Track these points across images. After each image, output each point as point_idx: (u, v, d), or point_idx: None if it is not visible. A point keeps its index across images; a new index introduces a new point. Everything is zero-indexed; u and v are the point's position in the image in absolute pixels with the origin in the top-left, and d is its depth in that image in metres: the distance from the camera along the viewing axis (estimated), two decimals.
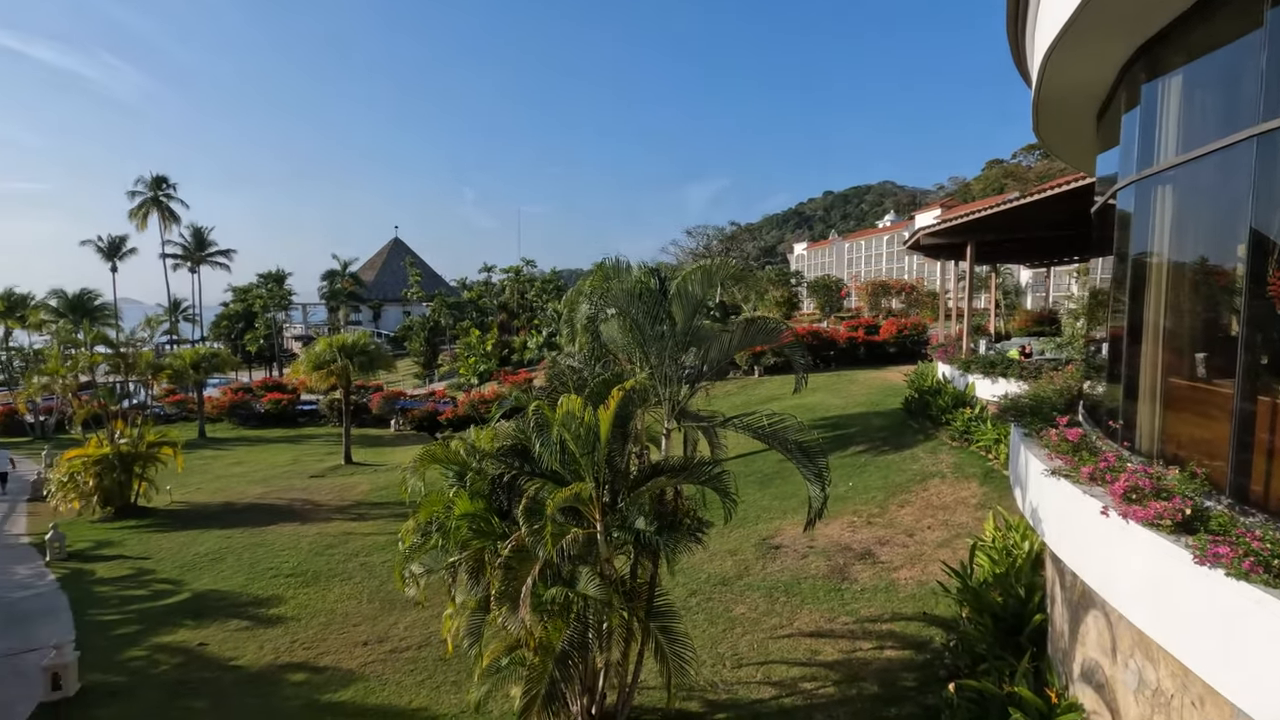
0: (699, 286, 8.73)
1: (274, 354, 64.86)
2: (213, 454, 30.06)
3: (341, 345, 26.23)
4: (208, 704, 10.68)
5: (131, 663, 12.00)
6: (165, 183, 62.81)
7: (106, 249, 66.49)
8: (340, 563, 16.27)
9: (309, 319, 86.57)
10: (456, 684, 11.01)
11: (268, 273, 67.40)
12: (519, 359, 50.50)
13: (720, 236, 65.83)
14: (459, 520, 7.59)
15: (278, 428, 37.32)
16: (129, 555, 17.33)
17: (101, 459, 19.53)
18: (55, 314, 44.49)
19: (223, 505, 21.38)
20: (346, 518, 19.84)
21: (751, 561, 14.39)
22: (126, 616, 13.87)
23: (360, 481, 24.08)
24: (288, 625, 13.28)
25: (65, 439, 30.41)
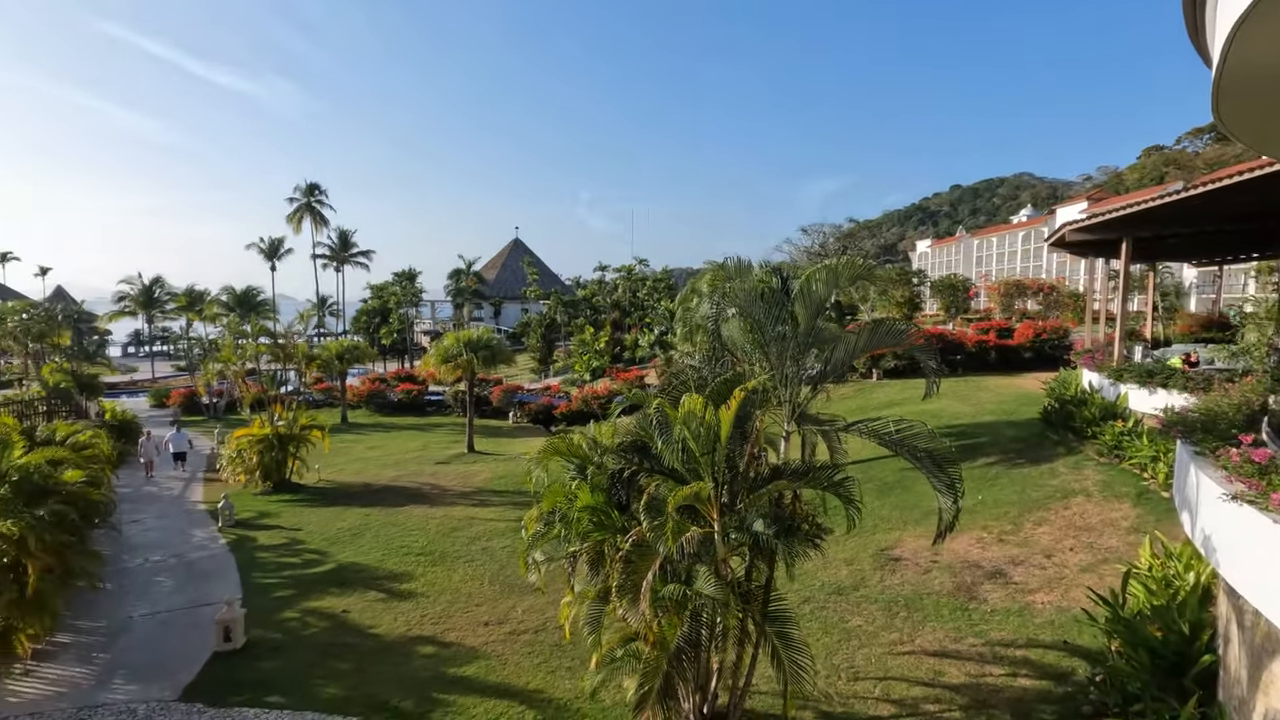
0: (823, 286, 8.50)
1: (406, 347, 69.68)
2: (353, 438, 32.76)
3: (467, 340, 27.77)
4: (351, 667, 11.67)
5: (287, 623, 13.33)
6: (317, 190, 69.10)
7: (267, 250, 74.19)
8: (464, 545, 17.25)
9: (436, 315, 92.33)
10: (571, 670, 11.38)
11: (401, 271, 72.50)
12: (630, 356, 51.31)
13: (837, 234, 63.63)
14: (580, 512, 7.84)
15: (409, 415, 40.10)
16: (284, 526, 19.24)
17: (263, 438, 21.84)
18: (226, 308, 50.17)
19: (362, 486, 23.27)
20: (469, 503, 21.00)
21: (869, 572, 13.85)
22: (283, 581, 15.42)
23: (481, 469, 25.39)
24: (418, 600, 14.25)
25: (234, 419, 34.27)
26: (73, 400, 30.91)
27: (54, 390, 31.26)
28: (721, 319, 9.02)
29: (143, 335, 77.12)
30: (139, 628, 13.15)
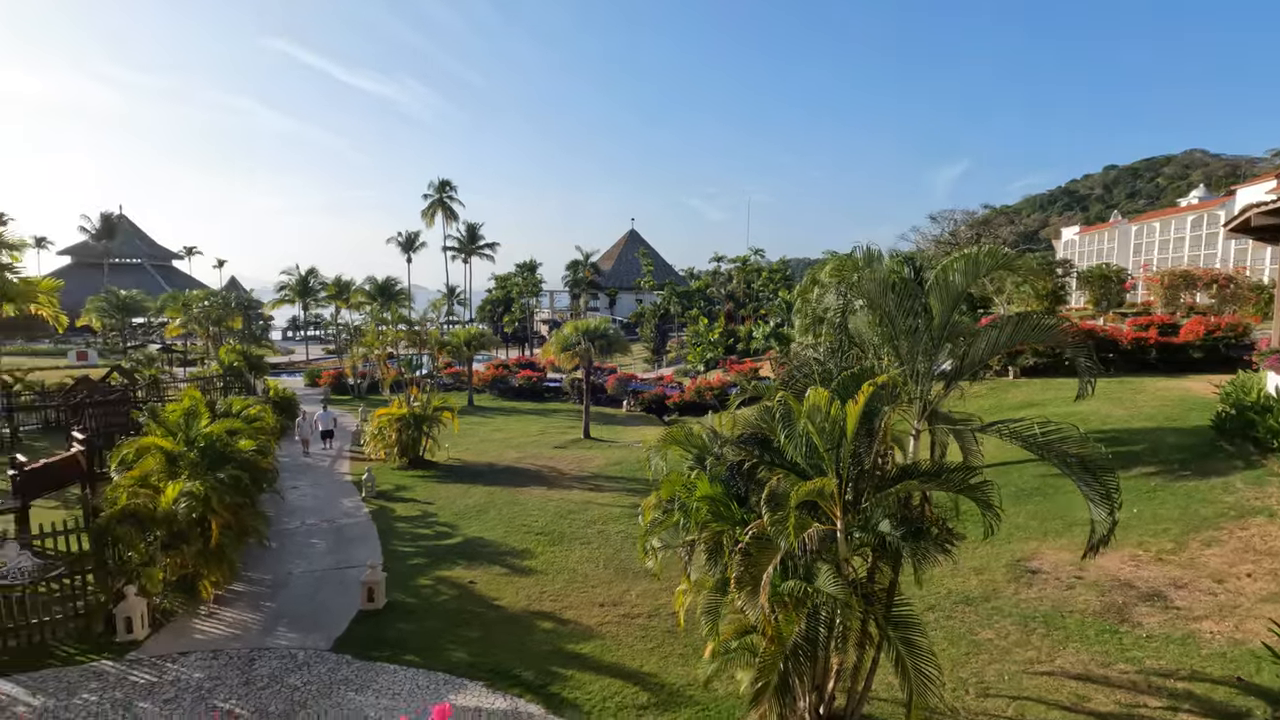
0: (962, 276, 8.00)
1: (526, 335, 72.75)
2: (478, 420, 34.69)
3: (585, 330, 28.58)
4: (477, 635, 12.44)
5: (421, 589, 14.39)
6: (448, 186, 73.42)
7: (404, 243, 79.80)
8: (581, 528, 17.84)
9: (554, 305, 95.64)
10: (683, 657, 11.51)
11: (522, 263, 75.68)
12: (744, 348, 50.73)
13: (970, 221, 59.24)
14: (699, 501, 7.88)
15: (528, 401, 41.91)
16: (418, 499, 20.74)
17: (401, 417, 23.63)
18: (369, 297, 54.55)
19: (487, 465, 24.63)
20: (585, 487, 21.67)
21: (1001, 584, 12.96)
22: (417, 550, 16.65)
23: (596, 455, 26.10)
24: (538, 577, 14.92)
25: (375, 399, 37.26)
26: (243, 378, 34.86)
27: (229, 369, 35.40)
28: (848, 310, 8.71)
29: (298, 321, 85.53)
30: (297, 583, 14.68)
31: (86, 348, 59.79)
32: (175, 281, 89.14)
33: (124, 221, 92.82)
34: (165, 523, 12.32)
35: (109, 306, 61.84)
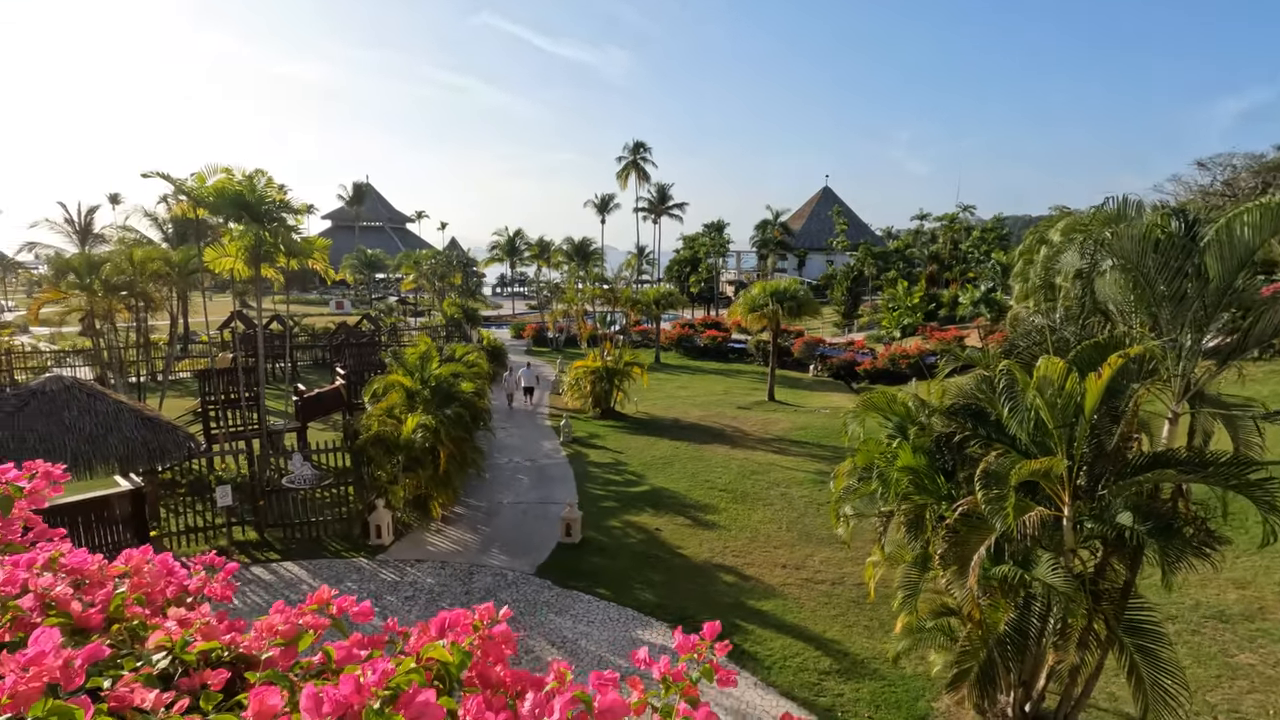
0: (1253, 232, 6.59)
1: (712, 296, 73.05)
2: (665, 377, 35.78)
3: (774, 291, 28.01)
4: (662, 579, 13.08)
5: (613, 530, 15.39)
6: (642, 147, 74.90)
7: (599, 205, 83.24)
8: (764, 488, 17.85)
9: (741, 265, 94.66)
10: (869, 630, 11.19)
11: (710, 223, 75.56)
12: (947, 314, 46.66)
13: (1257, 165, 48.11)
14: (900, 472, 7.50)
15: (712, 360, 42.31)
16: (609, 448, 22.03)
17: (595, 370, 25.12)
18: (567, 256, 58.03)
19: (672, 421, 25.42)
20: (769, 449, 21.56)
21: (1271, 603, 10.89)
22: (608, 494, 17.76)
23: (781, 419, 25.77)
24: (720, 532, 15.25)
25: (571, 352, 39.91)
26: (461, 328, 39.10)
27: (450, 319, 39.87)
28: (1094, 272, 7.60)
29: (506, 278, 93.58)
30: (506, 512, 16.41)
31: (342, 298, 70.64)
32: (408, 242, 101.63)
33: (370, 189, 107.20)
34: (406, 449, 14.35)
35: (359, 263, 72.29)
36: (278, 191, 16.24)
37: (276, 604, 1.38)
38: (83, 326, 29.11)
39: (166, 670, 1.33)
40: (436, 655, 1.15)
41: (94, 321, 23.99)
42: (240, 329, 29.21)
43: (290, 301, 52.39)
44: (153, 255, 24.23)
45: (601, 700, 1.05)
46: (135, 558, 1.59)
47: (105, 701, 1.17)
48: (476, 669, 1.25)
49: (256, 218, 15.13)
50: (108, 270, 22.06)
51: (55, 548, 1.79)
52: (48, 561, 1.62)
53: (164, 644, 1.27)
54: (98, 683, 1.21)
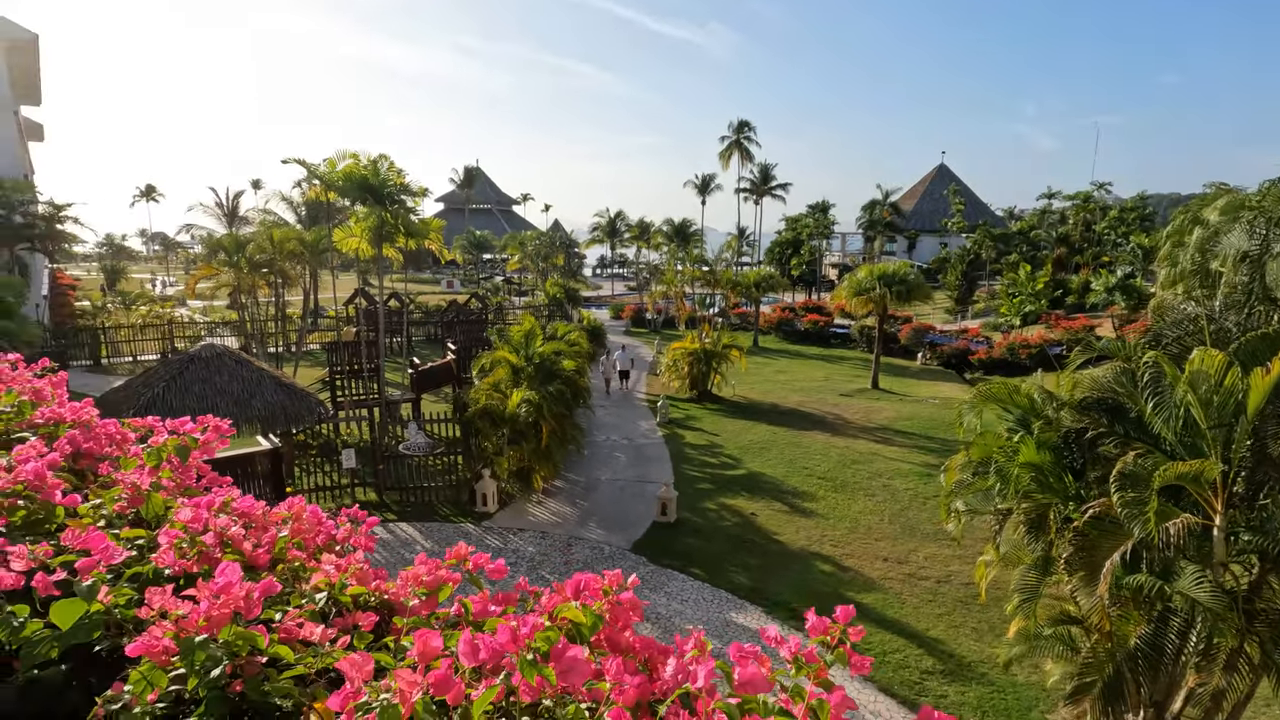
0: None
1: (814, 279, 70.99)
2: (763, 361, 35.21)
3: (881, 274, 26.82)
4: (757, 563, 12.98)
5: (707, 512, 15.40)
6: (747, 126, 73.46)
7: (699, 186, 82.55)
8: (865, 479, 17.27)
9: (846, 248, 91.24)
10: (977, 632, 10.64)
11: (814, 204, 73.19)
12: (1075, 301, 43.05)
13: None
14: (1021, 468, 7.01)
15: (813, 345, 41.18)
16: (705, 430, 22.00)
17: (693, 352, 25.08)
18: (667, 238, 58.03)
19: (770, 406, 25.02)
20: (872, 439, 20.80)
21: None
22: (703, 476, 17.77)
23: (885, 407, 24.78)
24: (818, 520, 14.92)
25: (669, 333, 40.04)
26: (563, 307, 40.10)
27: (552, 299, 40.97)
28: (1266, 255, 6.73)
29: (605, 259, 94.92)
30: (604, 488, 16.78)
31: (453, 277, 74.16)
32: (514, 224, 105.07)
33: (479, 173, 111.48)
34: (510, 422, 14.95)
35: (468, 244, 75.52)
36: (398, 175, 17.20)
37: (419, 556, 1.46)
38: (230, 300, 32.21)
39: (323, 609, 1.45)
40: (570, 615, 1.18)
41: (240, 296, 26.47)
42: (363, 305, 31.35)
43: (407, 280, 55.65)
44: (289, 235, 26.40)
45: (741, 672, 1.04)
46: (297, 505, 1.74)
47: (276, 632, 1.28)
48: (606, 633, 1.27)
49: (379, 200, 16.11)
50: (251, 249, 24.25)
51: (225, 493, 1.99)
52: (221, 504, 1.80)
53: (323, 585, 1.38)
54: (269, 614, 1.34)
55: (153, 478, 2.01)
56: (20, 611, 1.39)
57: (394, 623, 1.45)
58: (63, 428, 2.45)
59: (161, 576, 1.46)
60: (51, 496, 1.82)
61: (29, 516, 1.80)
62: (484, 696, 0.91)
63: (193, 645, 1.08)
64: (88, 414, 2.56)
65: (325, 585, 1.37)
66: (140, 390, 12.64)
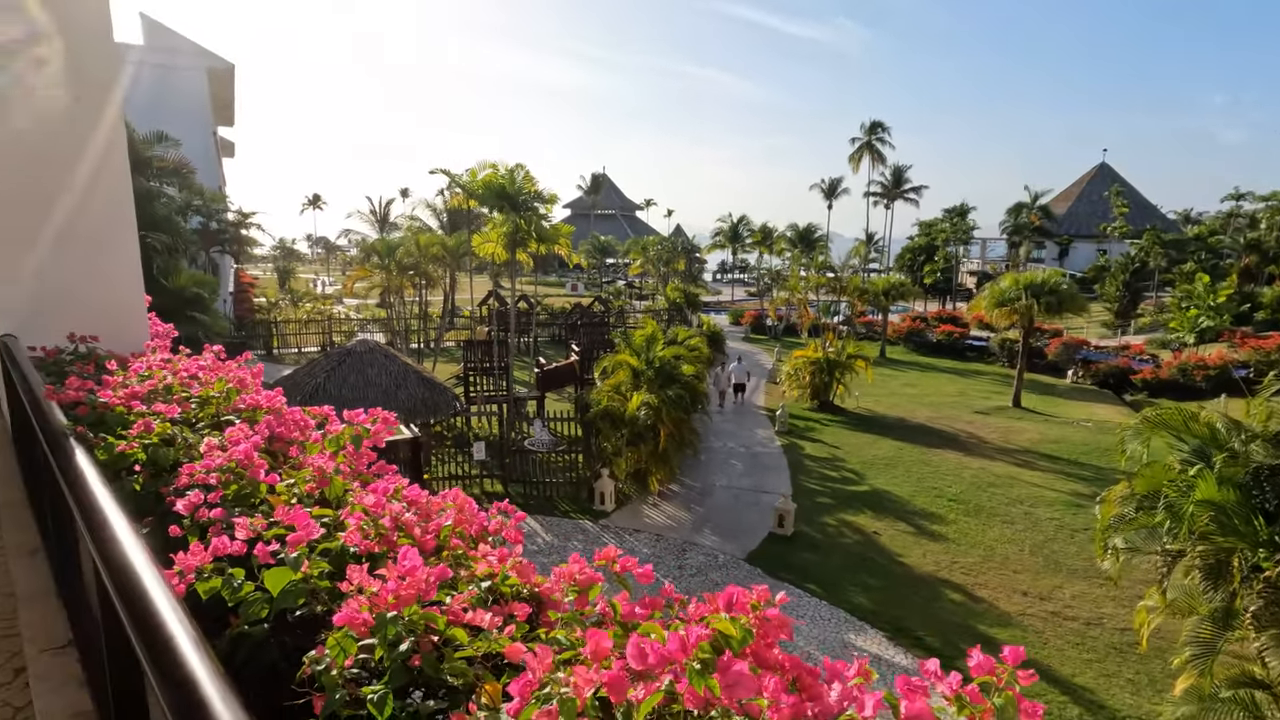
0: None
1: (949, 287, 66.80)
2: (890, 372, 33.58)
3: (1029, 283, 24.76)
4: (879, 584, 12.39)
5: (826, 526, 14.91)
6: (880, 127, 70.55)
7: (826, 190, 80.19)
8: (1002, 505, 16.01)
9: (986, 254, 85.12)
10: (1134, 684, 9.55)
11: (951, 208, 68.79)
12: (1267, 317, 37.62)
13: None
14: (1198, 506, 6.22)
15: (945, 358, 38.72)
16: (826, 441, 21.30)
17: (816, 361, 24.37)
18: (790, 243, 56.86)
19: (897, 420, 23.81)
20: (1011, 461, 19.25)
21: None
22: (823, 489, 17.22)
23: (1027, 428, 22.85)
24: (948, 545, 14.01)
25: (789, 341, 39.17)
26: (682, 312, 40.29)
27: (672, 304, 41.29)
28: None
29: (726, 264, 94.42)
30: (719, 495, 16.68)
31: (576, 281, 76.74)
32: (637, 229, 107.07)
33: (606, 179, 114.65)
34: (630, 424, 15.23)
35: (592, 249, 77.84)
36: (531, 184, 18.06)
37: (573, 555, 1.54)
38: (380, 299, 35.19)
39: (483, 597, 1.56)
40: (721, 627, 1.19)
41: (389, 295, 28.86)
42: (495, 306, 33.18)
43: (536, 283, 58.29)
44: (433, 241, 28.47)
45: (909, 706, 1.01)
46: (459, 497, 1.88)
47: (445, 615, 1.40)
48: (753, 648, 1.27)
49: (515, 207, 17.00)
50: (400, 253, 26.38)
51: (395, 480, 2.18)
52: (394, 491, 1.98)
53: (487, 574, 1.48)
54: (440, 597, 1.45)
55: (333, 462, 2.25)
56: (237, 574, 1.60)
57: (546, 615, 1.54)
58: (260, 413, 2.79)
59: (347, 554, 1.64)
60: (257, 475, 2.09)
61: (239, 491, 2.07)
62: (648, 701, 0.95)
63: (385, 620, 1.21)
64: (279, 402, 2.90)
65: (489, 574, 1.47)
66: (305, 380, 14.10)
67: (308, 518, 1.58)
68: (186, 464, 2.30)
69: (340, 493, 2.18)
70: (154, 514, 2.19)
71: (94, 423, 2.59)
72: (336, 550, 1.60)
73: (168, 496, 2.21)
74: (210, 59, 30.89)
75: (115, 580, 1.37)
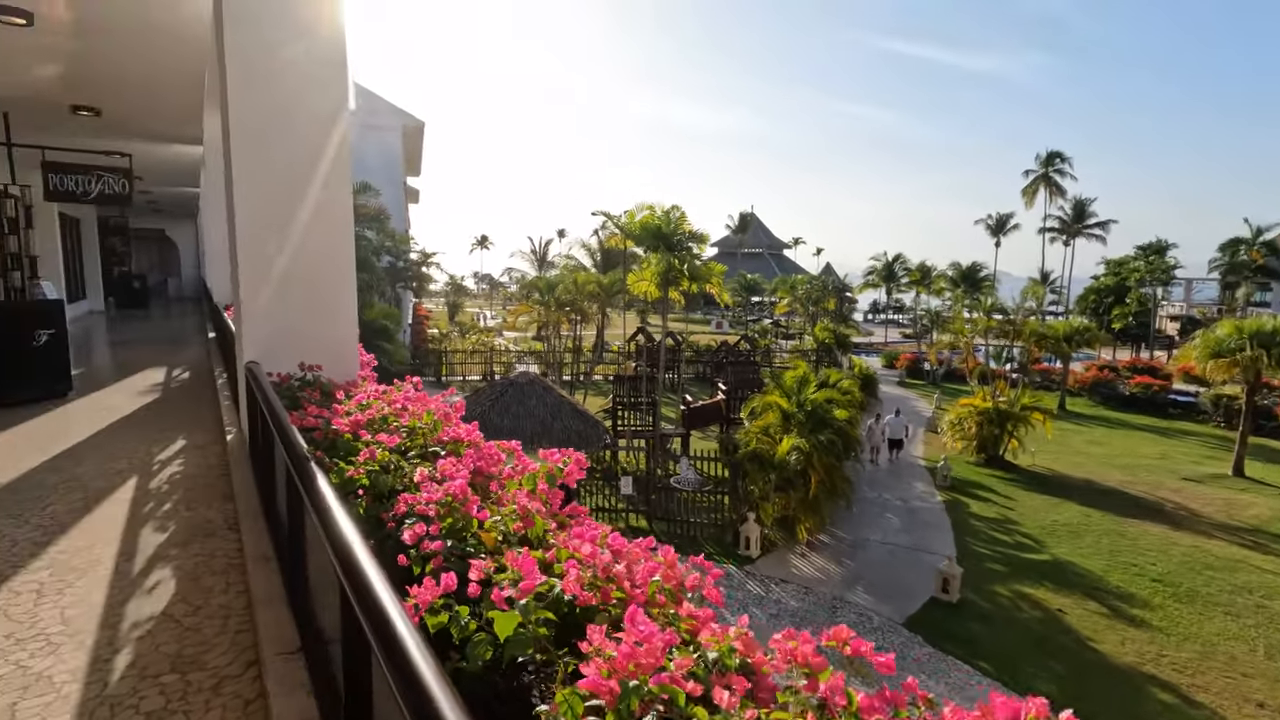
0: None
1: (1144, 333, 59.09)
2: (1071, 427, 30.03)
3: (1256, 331, 21.21)
4: (1065, 671, 10.88)
5: (998, 597, 13.41)
6: (1059, 158, 64.95)
7: (994, 226, 74.66)
8: (1224, 593, 13.56)
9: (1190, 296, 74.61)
10: None
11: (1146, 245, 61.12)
12: None
13: None
14: None
15: (1141, 414, 33.99)
16: (996, 501, 19.33)
17: (984, 411, 22.33)
18: (951, 283, 53.23)
19: (1083, 481, 21.13)
20: (1235, 541, 16.33)
21: None
22: (994, 555, 15.56)
23: (1254, 501, 19.35)
24: (1153, 634, 12.05)
25: (949, 387, 36.40)
26: (832, 353, 38.85)
27: (821, 344, 39.99)
28: None
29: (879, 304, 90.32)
30: (873, 550, 15.61)
31: (721, 318, 76.87)
32: (784, 268, 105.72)
33: (754, 219, 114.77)
34: (779, 468, 14.77)
35: (738, 287, 77.76)
36: (686, 224, 18.40)
37: (803, 634, 1.42)
38: (535, 332, 37.29)
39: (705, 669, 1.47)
40: None
41: (547, 329, 30.50)
42: (642, 342, 33.94)
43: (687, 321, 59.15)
44: (590, 279, 29.83)
45: None
46: (669, 553, 1.83)
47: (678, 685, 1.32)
48: None
49: (670, 247, 17.38)
50: (560, 290, 27.88)
51: (595, 526, 2.18)
52: (599, 538, 1.97)
53: (713, 644, 1.40)
54: (665, 664, 1.39)
55: (536, 502, 2.30)
56: (462, 612, 1.65)
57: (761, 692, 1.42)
58: (461, 446, 2.96)
59: (561, 602, 1.63)
60: (470, 510, 2.18)
61: (453, 525, 2.17)
62: None
63: (629, 690, 1.16)
64: (478, 436, 3.06)
65: (714, 643, 1.40)
66: (473, 407, 15.13)
67: (534, 565, 1.60)
68: (403, 492, 2.47)
69: (541, 533, 2.22)
70: (375, 537, 2.36)
71: (327, 447, 2.87)
72: (554, 599, 1.59)
73: (388, 522, 2.38)
74: (404, 118, 34.93)
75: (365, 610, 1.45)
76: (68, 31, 6.23)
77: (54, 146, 10.71)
